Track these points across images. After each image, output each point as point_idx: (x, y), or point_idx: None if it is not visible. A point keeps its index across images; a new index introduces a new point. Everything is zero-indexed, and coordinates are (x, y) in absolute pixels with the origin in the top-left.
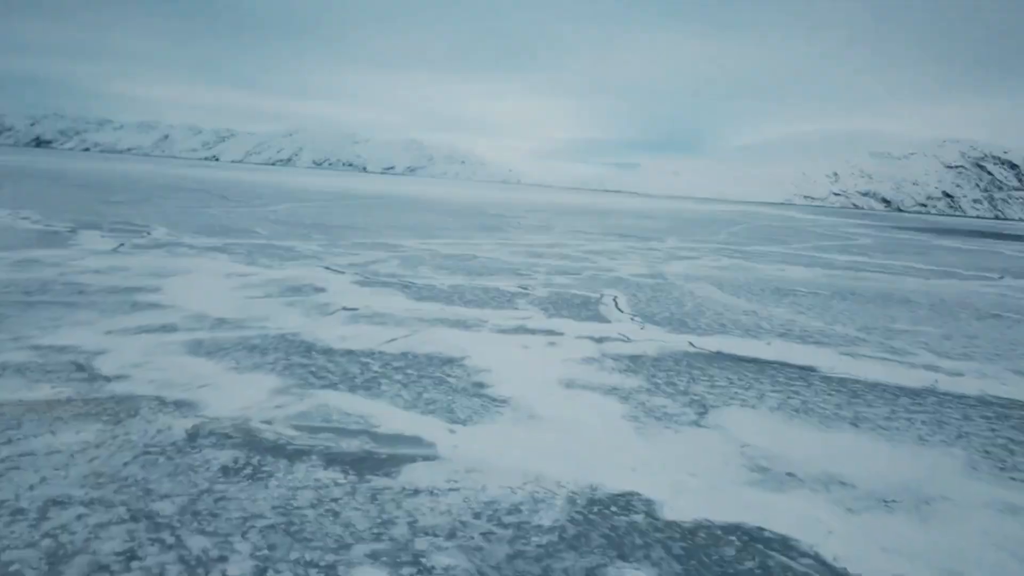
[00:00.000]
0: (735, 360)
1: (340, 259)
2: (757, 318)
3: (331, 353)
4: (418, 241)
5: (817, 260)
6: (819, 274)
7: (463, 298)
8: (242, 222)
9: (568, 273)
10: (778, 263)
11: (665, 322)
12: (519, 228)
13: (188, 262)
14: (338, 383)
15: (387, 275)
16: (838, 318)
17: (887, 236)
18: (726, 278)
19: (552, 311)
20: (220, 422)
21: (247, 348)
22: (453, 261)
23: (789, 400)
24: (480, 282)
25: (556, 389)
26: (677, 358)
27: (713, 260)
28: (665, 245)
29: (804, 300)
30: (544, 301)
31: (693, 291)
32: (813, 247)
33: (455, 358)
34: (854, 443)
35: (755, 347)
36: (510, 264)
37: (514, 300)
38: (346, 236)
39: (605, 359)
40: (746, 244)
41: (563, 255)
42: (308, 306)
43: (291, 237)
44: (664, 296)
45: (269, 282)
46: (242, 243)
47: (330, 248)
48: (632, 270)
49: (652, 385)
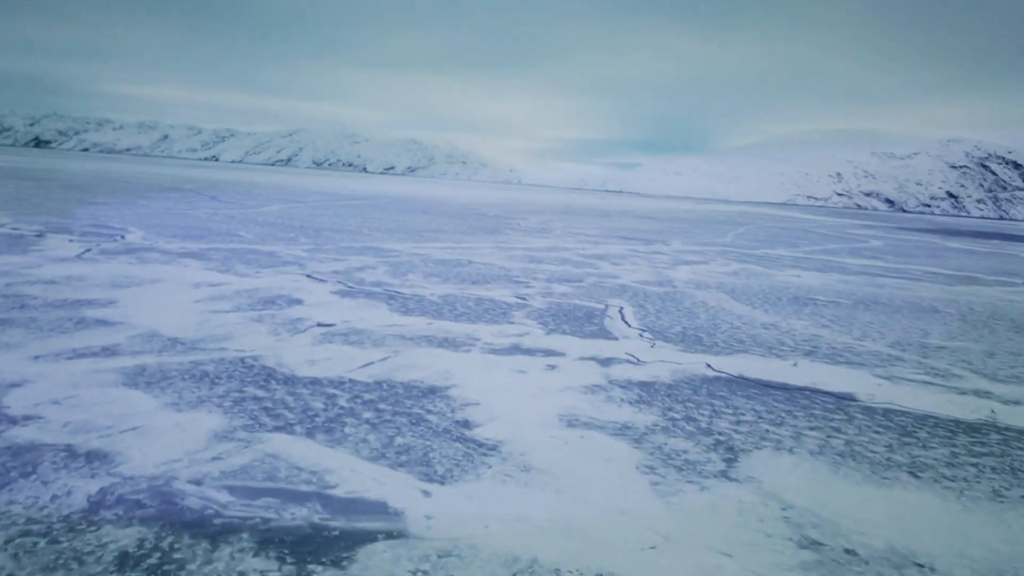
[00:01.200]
0: (760, 387)
1: (324, 265)
2: (778, 333)
3: (294, 382)
4: (411, 245)
5: (830, 264)
6: (835, 280)
7: (453, 311)
8: (227, 224)
9: (569, 280)
10: (790, 268)
11: (677, 338)
12: (518, 230)
13: (155, 270)
14: (295, 424)
15: (372, 284)
16: (866, 332)
17: (896, 238)
18: (738, 285)
19: (552, 326)
20: (135, 483)
21: (196, 377)
22: (446, 267)
23: (830, 441)
24: (473, 291)
25: (555, 429)
26: (695, 385)
27: (722, 265)
28: (670, 248)
29: (825, 311)
30: (543, 314)
31: (705, 301)
32: (823, 250)
33: (438, 388)
34: (919, 502)
35: (780, 369)
36: (507, 271)
37: (510, 313)
38: (334, 239)
39: (612, 387)
40: (754, 247)
41: (564, 260)
42: (279, 322)
43: (276, 241)
44: (674, 307)
45: (240, 293)
46: (221, 248)
47: (315, 253)
48: (638, 276)
49: (668, 422)
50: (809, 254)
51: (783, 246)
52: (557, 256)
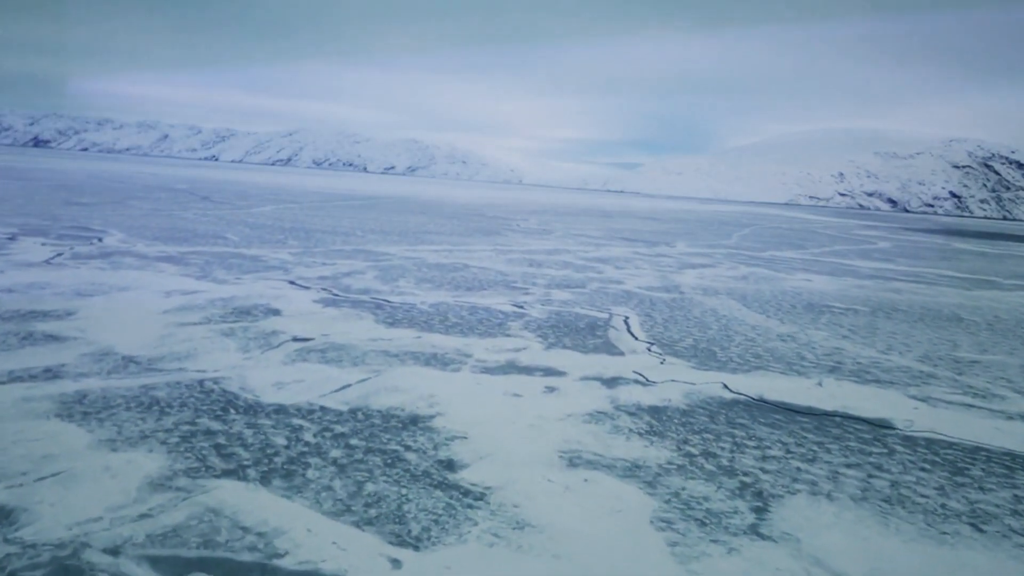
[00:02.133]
0: (785, 412)
1: (310, 271)
2: (796, 345)
3: (256, 411)
4: (405, 247)
5: (841, 268)
6: (849, 285)
7: (445, 322)
8: (214, 226)
9: (571, 286)
10: (800, 271)
11: (689, 353)
12: (517, 232)
13: (127, 276)
14: (249, 466)
15: (359, 291)
16: (891, 344)
17: (903, 239)
18: (749, 291)
19: (552, 339)
20: (36, 553)
21: (143, 405)
22: (440, 272)
23: (872, 481)
24: (468, 299)
25: (555, 470)
26: (712, 410)
27: (730, 268)
28: (675, 250)
29: (844, 319)
30: (542, 325)
31: (715, 309)
32: (831, 252)
33: (421, 417)
34: (992, 568)
35: (804, 390)
36: (505, 275)
37: (506, 324)
38: (325, 242)
39: (619, 414)
40: (761, 249)
41: (565, 263)
42: (250, 336)
43: (263, 243)
44: (683, 316)
45: (214, 302)
46: (203, 251)
47: (303, 257)
48: (643, 281)
49: (685, 458)
50: (818, 256)
51: (790, 248)
52: (558, 259)
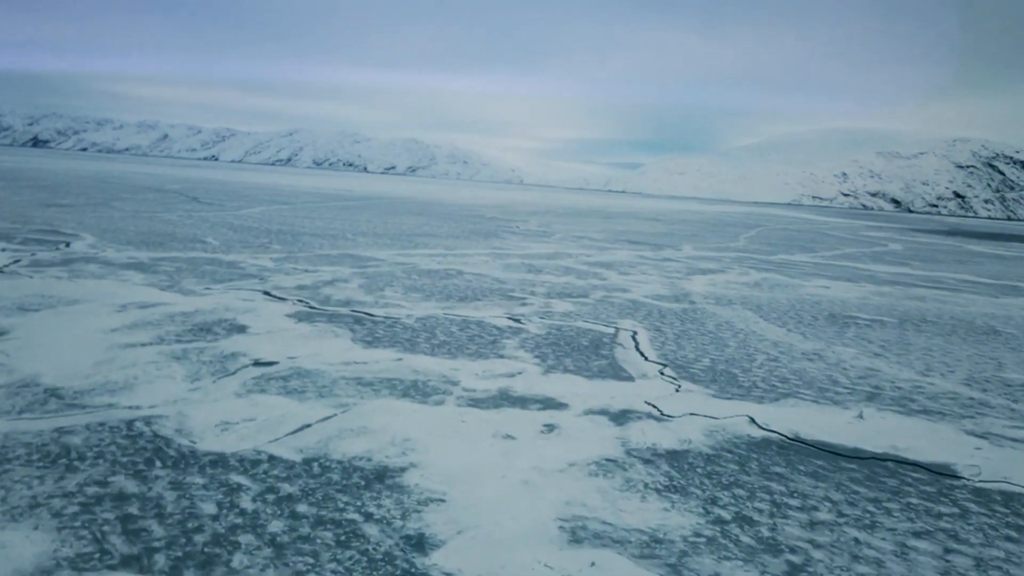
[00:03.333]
0: (828, 456)
1: (289, 279)
2: (825, 365)
3: (187, 464)
4: (396, 252)
5: (857, 273)
6: (869, 292)
7: (432, 340)
8: (196, 229)
9: (572, 296)
10: (815, 277)
11: (707, 377)
12: (516, 234)
13: (82, 287)
14: (159, 549)
15: (339, 303)
16: (929, 363)
17: (914, 241)
18: (764, 300)
19: (551, 359)
20: None
21: (48, 458)
22: (431, 279)
23: (952, 559)
24: (460, 311)
25: (554, 549)
26: (741, 454)
27: (741, 274)
28: (681, 254)
29: (871, 333)
30: (541, 342)
31: (730, 321)
32: (843, 255)
33: (391, 469)
34: None
35: (844, 425)
36: (501, 283)
37: (501, 341)
38: (311, 246)
39: (632, 462)
40: (770, 252)
41: (566, 269)
42: (205, 360)
43: (244, 248)
44: (696, 330)
45: (173, 318)
46: (177, 257)
47: (283, 263)
48: (650, 289)
49: (715, 526)
50: (830, 260)
51: (800, 251)
52: (558, 264)
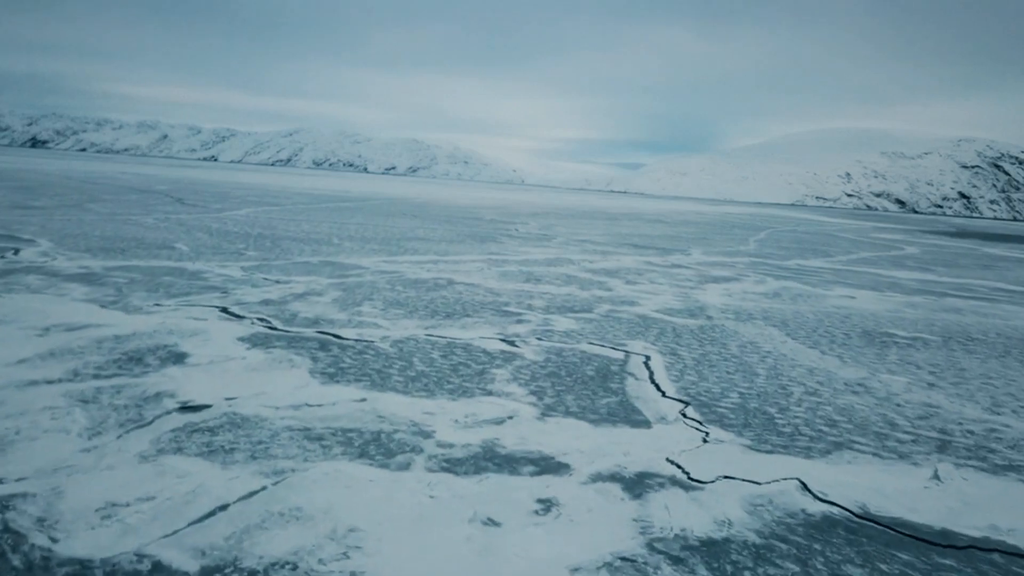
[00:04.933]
0: (912, 543)
1: (256, 291)
2: (875, 401)
3: None
4: (383, 258)
5: (880, 280)
6: (899, 304)
7: (407, 371)
8: (170, 233)
9: (574, 310)
10: (836, 285)
11: (738, 419)
12: (515, 237)
13: (8, 304)
14: None
15: (306, 322)
16: (995, 397)
17: (929, 243)
18: (787, 313)
19: (550, 396)
20: None
21: None
22: (417, 291)
23: None
24: (445, 331)
25: None
26: (799, 545)
27: (757, 282)
28: (690, 259)
29: (915, 354)
30: (538, 372)
31: (755, 341)
32: (860, 260)
33: None
34: None
35: (920, 491)
36: (496, 295)
37: (489, 372)
38: (290, 252)
39: (656, 560)
40: (783, 256)
41: (567, 278)
42: (119, 403)
43: (215, 255)
44: (718, 354)
45: (103, 344)
46: (137, 267)
47: (254, 273)
48: (660, 302)
49: None
50: (848, 265)
51: (814, 255)
52: (559, 272)
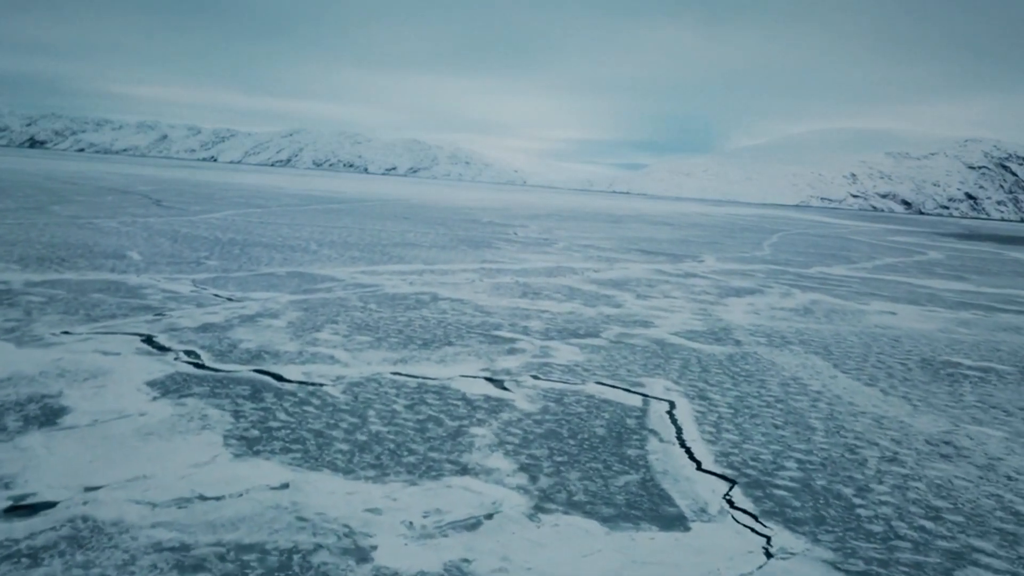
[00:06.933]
0: None
1: (198, 312)
2: (976, 471)
3: None
4: (361, 268)
5: (916, 292)
6: (948, 321)
7: (358, 431)
8: (128, 240)
9: (579, 334)
10: (871, 298)
11: (807, 511)
12: (513, 242)
13: None
14: None
15: (245, 356)
16: None
17: (949, 247)
18: (827, 335)
19: (545, 477)
20: None
21: None
22: (392, 310)
23: None
24: (417, 368)
25: None
26: None
27: (783, 295)
28: (705, 267)
29: (998, 394)
30: (530, 432)
31: (798, 376)
32: (885, 267)
33: None
34: None
35: None
36: (486, 315)
37: (467, 433)
38: (257, 261)
39: None
40: (803, 263)
41: (570, 291)
42: None
43: (169, 265)
44: (757, 396)
45: None
46: (66, 281)
47: (206, 287)
48: (679, 322)
49: None
50: (874, 273)
51: (836, 261)
52: (561, 284)
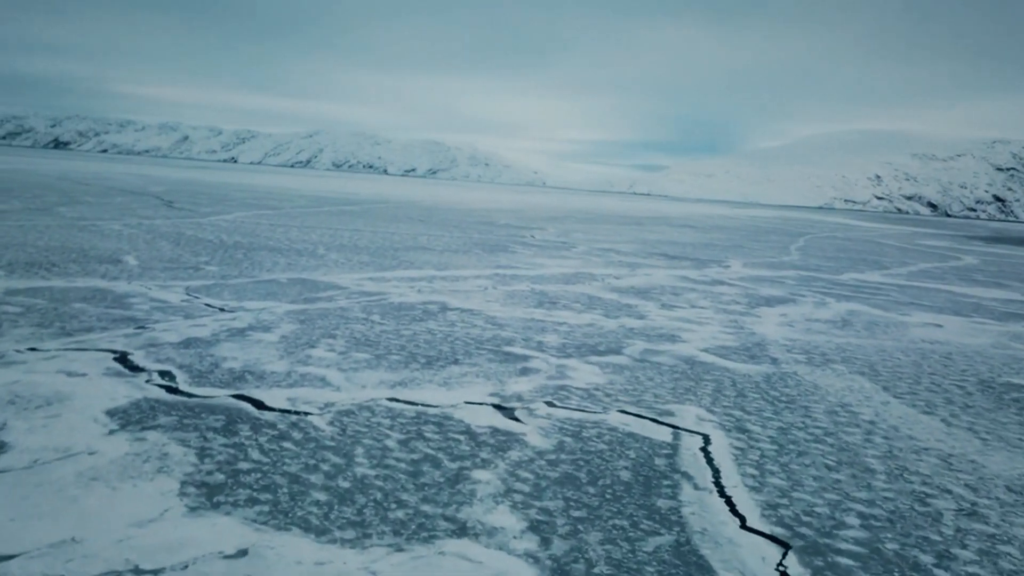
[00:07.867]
0: None
1: (184, 325)
2: None
3: None
4: (368, 275)
5: (959, 301)
6: (1000, 335)
7: (337, 479)
8: (127, 243)
9: (598, 350)
10: (912, 308)
11: None
12: (530, 245)
13: None
14: None
15: (226, 377)
16: None
17: (983, 251)
18: (872, 353)
19: (560, 539)
20: None
21: None
22: (396, 323)
23: None
24: (417, 392)
25: None
26: None
27: (818, 305)
28: (732, 273)
29: None
30: (543, 476)
31: (848, 403)
32: (921, 273)
33: None
34: None
35: None
36: (498, 327)
37: (467, 478)
38: (259, 267)
39: None
40: (834, 268)
41: (589, 300)
42: None
43: (165, 271)
44: (803, 428)
45: None
46: (50, 288)
47: (199, 296)
48: (709, 336)
49: None
50: (911, 280)
51: (868, 267)
52: (580, 292)
